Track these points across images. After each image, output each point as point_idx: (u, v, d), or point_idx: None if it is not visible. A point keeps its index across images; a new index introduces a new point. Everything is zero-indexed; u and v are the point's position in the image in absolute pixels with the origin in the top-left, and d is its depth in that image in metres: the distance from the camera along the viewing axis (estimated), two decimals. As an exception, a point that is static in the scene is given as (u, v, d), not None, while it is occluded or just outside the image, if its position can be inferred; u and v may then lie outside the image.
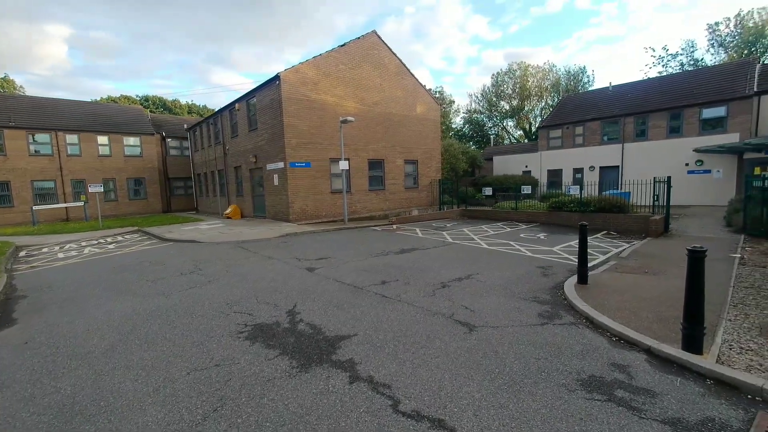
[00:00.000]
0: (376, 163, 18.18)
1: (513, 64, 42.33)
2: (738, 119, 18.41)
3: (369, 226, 15.02)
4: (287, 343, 4.14)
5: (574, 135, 24.53)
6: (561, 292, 5.91)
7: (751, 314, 4.68)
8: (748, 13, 30.58)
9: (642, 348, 3.86)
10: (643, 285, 6.07)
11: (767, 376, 3.20)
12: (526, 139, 42.65)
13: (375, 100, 17.62)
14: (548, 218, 14.90)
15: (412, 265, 8.02)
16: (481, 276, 7.00)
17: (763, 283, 6.02)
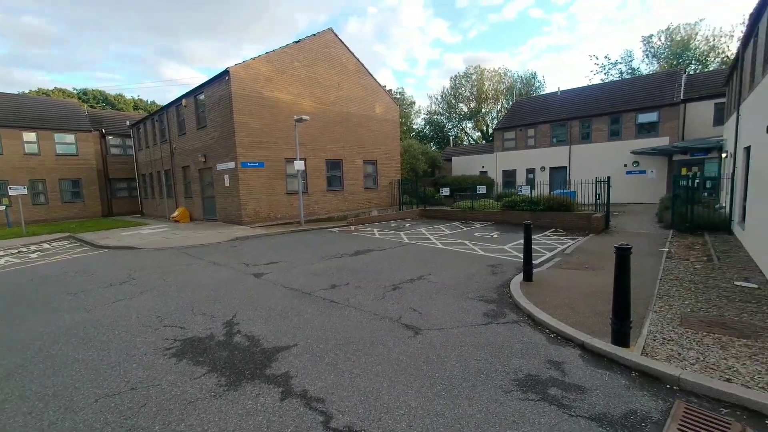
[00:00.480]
0: (335, 164, 17.87)
1: (470, 68, 43.67)
2: (668, 124, 20.17)
3: (327, 227, 14.70)
4: (218, 359, 3.82)
5: (526, 137, 25.67)
6: (507, 290, 6.03)
7: (674, 305, 5.01)
8: (676, 27, 33.74)
9: (577, 343, 3.98)
10: (582, 281, 6.35)
11: (684, 365, 3.39)
12: (484, 140, 44.14)
13: (332, 99, 17.31)
14: (502, 217, 15.40)
15: (366, 267, 7.88)
16: (433, 276, 7.00)
17: (686, 275, 6.52)
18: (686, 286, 5.90)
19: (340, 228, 14.73)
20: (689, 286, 5.90)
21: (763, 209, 6.80)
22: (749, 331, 4.10)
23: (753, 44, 9.32)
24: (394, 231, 13.52)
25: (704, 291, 5.61)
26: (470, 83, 43.03)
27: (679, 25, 33.79)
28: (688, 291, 5.65)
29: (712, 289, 5.69)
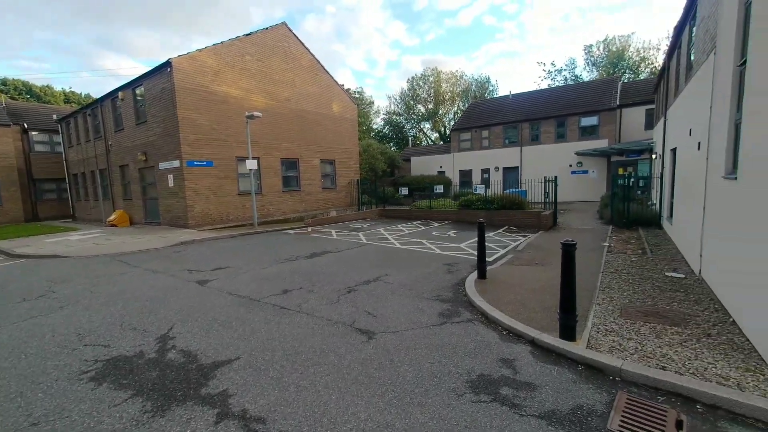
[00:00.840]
0: (291, 163, 17.27)
1: (427, 70, 44.49)
2: (606, 127, 21.78)
3: (282, 229, 14.13)
4: (146, 380, 3.40)
5: (481, 138, 26.56)
6: (462, 288, 6.05)
7: (615, 297, 5.29)
8: (612, 39, 36.68)
9: (527, 339, 4.03)
10: (533, 276, 6.55)
11: (625, 355, 3.52)
12: (442, 141, 45.15)
13: (287, 96, 16.71)
14: (459, 216, 15.72)
15: (321, 269, 7.59)
16: (390, 277, 6.88)
17: (624, 268, 6.95)
18: (624, 278, 6.28)
19: (296, 230, 14.23)
20: (627, 278, 6.28)
21: (687, 206, 7.44)
22: (679, 319, 4.39)
23: (677, 55, 10.23)
24: (352, 231, 13.29)
25: (640, 282, 5.99)
26: (428, 85, 43.83)
27: (615, 37, 36.83)
28: (627, 283, 6.00)
29: (647, 281, 6.10)
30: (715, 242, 5.26)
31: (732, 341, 3.74)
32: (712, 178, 5.47)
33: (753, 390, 2.88)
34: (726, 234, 4.73)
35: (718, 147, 5.20)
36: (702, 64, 6.61)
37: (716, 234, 5.19)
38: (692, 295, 5.26)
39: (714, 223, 5.34)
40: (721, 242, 4.95)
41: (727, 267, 4.61)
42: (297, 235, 12.69)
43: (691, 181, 7.08)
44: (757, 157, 3.75)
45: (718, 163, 5.10)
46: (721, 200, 4.92)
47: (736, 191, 4.26)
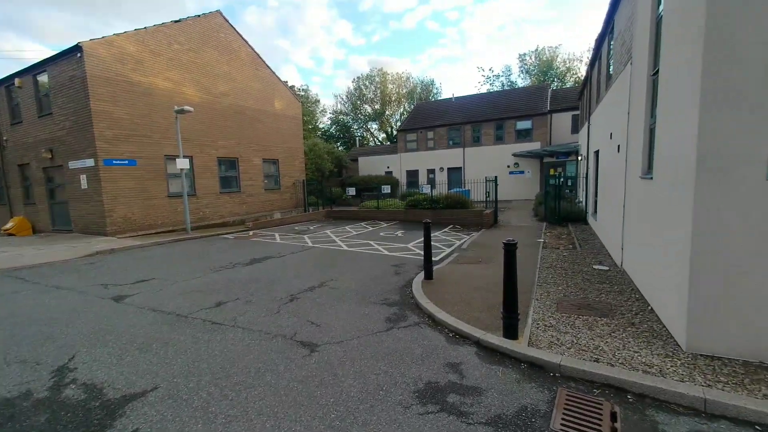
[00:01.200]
0: (229, 162, 16.13)
1: (373, 70, 44.61)
2: (539, 131, 23.47)
3: (220, 234, 13.11)
4: (29, 427, 2.77)
5: (426, 139, 27.18)
6: (410, 290, 5.98)
7: (551, 291, 5.55)
8: (542, 49, 39.78)
9: (473, 340, 4.01)
10: (477, 274, 6.68)
11: (563, 350, 3.64)
12: (389, 141, 45.57)
13: (224, 90, 15.56)
14: (406, 216, 15.85)
15: (262, 277, 7.07)
16: (335, 282, 6.59)
17: (558, 263, 7.39)
18: (559, 273, 6.65)
19: (236, 234, 13.29)
20: (561, 272, 6.67)
21: (609, 204, 8.14)
22: (607, 310, 4.70)
23: (597, 66, 11.22)
24: (297, 234, 12.73)
25: (572, 276, 6.38)
26: (374, 85, 43.96)
27: (544, 47, 39.98)
28: (561, 277, 6.36)
29: (578, 274, 6.52)
30: (633, 237, 5.75)
31: (652, 329, 4.05)
32: (630, 178, 5.98)
33: (672, 375, 3.09)
34: (641, 229, 5.17)
35: (635, 149, 5.68)
36: (620, 74, 7.24)
37: (633, 229, 5.67)
38: (616, 286, 5.70)
39: (632, 219, 5.84)
40: (637, 237, 5.41)
41: (643, 259, 5.04)
42: (237, 240, 11.84)
43: (612, 181, 7.74)
44: (668, 157, 4.10)
45: (636, 165, 5.58)
46: (639, 198, 5.37)
47: (652, 190, 4.65)
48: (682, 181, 3.58)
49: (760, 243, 3.09)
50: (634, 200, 5.77)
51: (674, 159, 3.86)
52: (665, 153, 4.22)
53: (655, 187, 4.55)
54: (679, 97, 3.73)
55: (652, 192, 4.64)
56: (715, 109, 3.12)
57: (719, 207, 3.19)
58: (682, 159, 3.59)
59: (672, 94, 4.00)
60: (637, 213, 5.52)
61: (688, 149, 3.41)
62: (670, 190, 3.95)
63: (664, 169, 4.24)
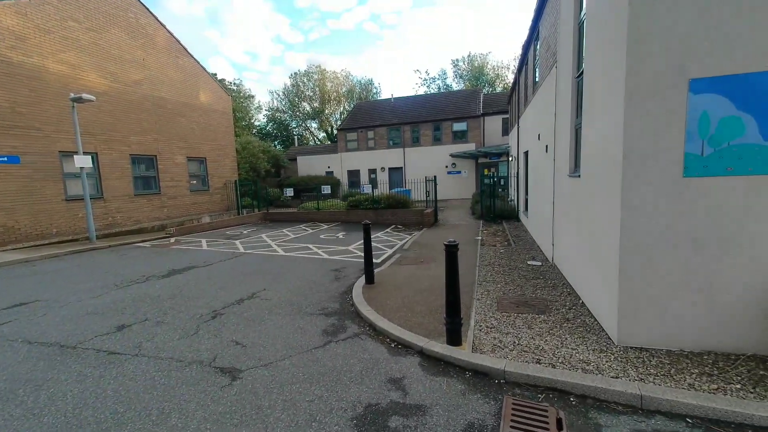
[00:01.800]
0: (146, 160, 14.27)
1: (311, 67, 43.37)
2: (473, 133, 24.57)
3: (134, 242, 11.47)
4: None
5: (367, 138, 26.99)
6: (350, 297, 5.60)
7: (491, 290, 5.56)
8: (474, 55, 41.97)
9: (416, 350, 3.76)
10: (419, 276, 6.52)
11: (506, 353, 3.54)
12: (329, 141, 44.66)
13: (136, 79, 13.70)
14: (347, 217, 15.44)
15: (180, 291, 6.16)
16: (268, 292, 5.97)
17: (495, 260, 7.55)
18: (497, 270, 6.77)
19: (154, 241, 11.75)
20: (499, 270, 6.78)
21: (539, 202, 8.57)
22: (543, 306, 4.78)
23: (525, 70, 11.88)
24: (228, 240, 11.63)
25: (509, 273, 6.51)
26: (312, 82, 42.73)
27: (476, 54, 42.26)
28: (499, 274, 6.45)
29: (514, 270, 6.68)
30: (562, 233, 6.02)
31: (585, 323, 4.16)
32: (559, 176, 6.25)
33: (608, 371, 3.12)
34: (570, 225, 5.40)
35: (562, 149, 5.94)
36: (546, 78, 7.61)
37: (563, 225, 5.92)
38: (549, 281, 5.90)
39: (561, 216, 6.11)
40: (566, 233, 5.65)
41: (571, 254, 5.26)
42: (154, 249, 10.42)
43: (542, 180, 8.14)
44: (594, 155, 4.26)
45: (564, 164, 5.83)
46: (567, 196, 5.61)
47: (579, 188, 4.83)
48: (609, 178, 3.68)
49: (668, 233, 3.25)
50: (562, 198, 6.03)
51: (600, 157, 3.99)
52: (591, 151, 4.37)
53: (582, 185, 4.73)
54: (603, 96, 3.85)
55: (580, 190, 4.82)
56: (637, 107, 3.21)
57: (641, 201, 3.30)
58: (608, 156, 3.70)
59: (596, 94, 4.14)
60: (566, 210, 5.76)
61: (613, 147, 3.50)
62: (598, 188, 4.08)
63: (590, 167, 4.40)
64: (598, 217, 4.10)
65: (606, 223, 3.79)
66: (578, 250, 5.00)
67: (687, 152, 3.15)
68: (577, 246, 5.04)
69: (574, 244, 5.25)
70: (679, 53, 3.08)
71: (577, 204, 5.00)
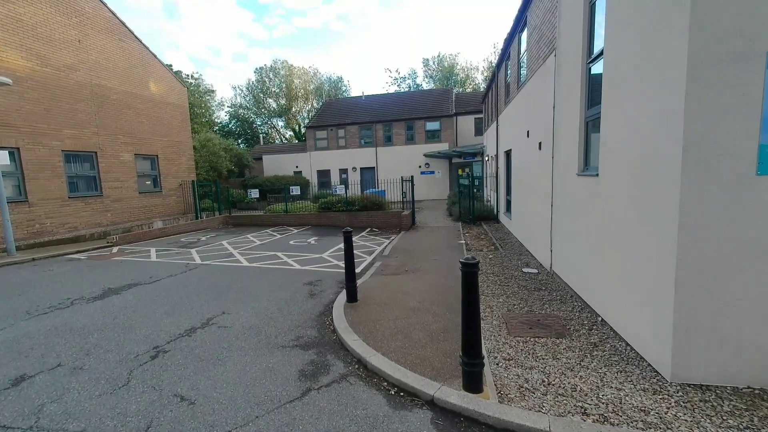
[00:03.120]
0: (84, 158, 12.40)
1: (277, 63, 41.46)
2: (447, 132, 24.20)
3: (66, 253, 9.76)
4: None
5: (338, 137, 25.89)
6: (330, 319, 4.66)
7: (494, 305, 4.83)
8: (444, 56, 41.96)
9: (425, 400, 2.91)
10: (407, 289, 5.68)
11: (539, 399, 2.77)
12: (297, 140, 42.95)
13: (70, 63, 11.85)
14: (319, 220, 14.37)
15: (114, 319, 4.93)
16: (228, 317, 4.88)
17: (487, 268, 6.87)
18: (492, 280, 6.08)
19: (92, 252, 10.10)
20: (495, 280, 6.10)
21: (530, 204, 8.03)
22: (559, 327, 4.10)
23: (505, 66, 11.42)
24: (183, 248, 10.21)
25: (507, 283, 5.84)
26: (279, 78, 40.84)
27: (445, 54, 42.26)
28: (496, 285, 5.76)
29: (511, 280, 6.03)
30: (567, 239, 5.41)
31: (617, 349, 3.50)
32: (561, 175, 5.65)
33: (676, 424, 2.43)
34: (577, 230, 4.78)
35: (567, 145, 5.33)
36: (538, 69, 7.05)
37: (569, 230, 5.31)
38: (554, 293, 5.28)
39: (565, 220, 5.51)
40: (574, 239, 5.04)
41: (581, 263, 4.64)
42: (90, 261, 8.84)
43: (533, 179, 7.58)
44: (618, 150, 3.63)
45: (569, 162, 5.22)
46: (575, 197, 4.99)
47: (598, 188, 4.20)
48: (653, 177, 3.03)
49: (738, 244, 2.64)
50: (566, 200, 5.43)
51: (633, 152, 3.35)
52: (616, 146, 3.74)
53: (601, 185, 4.10)
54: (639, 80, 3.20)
55: (598, 190, 4.19)
56: (702, 87, 2.56)
57: (705, 205, 2.66)
58: (650, 151, 3.04)
59: (626, 78, 3.50)
60: (572, 213, 5.15)
61: (661, 139, 2.85)
62: (630, 188, 3.44)
63: (616, 165, 3.76)
64: (630, 224, 3.45)
65: (647, 231, 3.14)
66: (595, 260, 4.37)
67: (763, 144, 2.53)
68: (593, 255, 4.41)
69: (585, 253, 4.63)
70: (757, 18, 2.45)
71: (594, 207, 4.37)
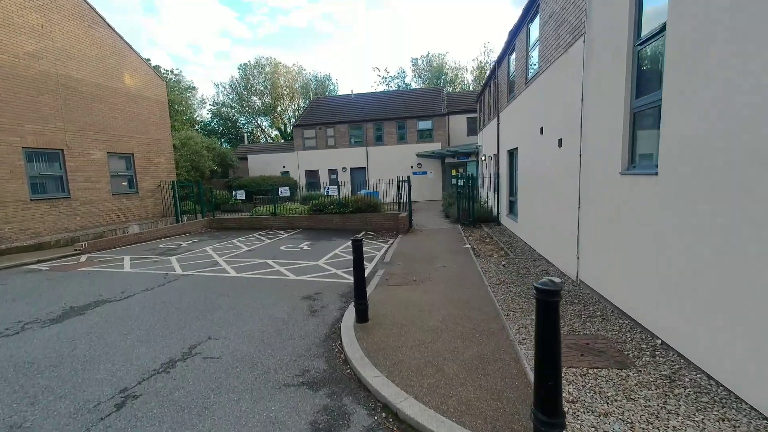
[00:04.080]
0: (49, 156, 11.20)
1: (262, 59, 40.15)
2: (439, 132, 23.66)
3: (26, 263, 8.64)
4: None
5: (326, 136, 25.01)
6: (338, 345, 3.92)
7: (527, 324, 4.18)
8: (433, 55, 41.54)
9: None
10: (421, 305, 4.98)
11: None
12: (282, 139, 41.74)
13: (31, 50, 10.65)
14: (310, 223, 13.55)
15: (73, 349, 4.04)
16: (215, 343, 4.07)
17: (503, 276, 6.25)
18: (513, 291, 5.46)
19: (56, 261, 9.00)
20: (515, 290, 5.49)
21: (547, 206, 7.46)
22: (617, 353, 3.48)
23: (509, 60, 10.87)
24: (161, 256, 9.22)
25: (530, 295, 5.22)
26: (264, 75, 39.56)
27: (434, 54, 41.85)
28: (520, 297, 5.14)
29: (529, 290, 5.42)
30: (605, 245, 4.83)
31: (700, 386, 2.89)
32: (594, 175, 5.06)
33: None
34: (631, 237, 4.19)
35: (602, 141, 4.74)
36: (556, 60, 6.48)
37: (606, 236, 4.72)
38: (590, 307, 4.69)
39: (600, 224, 4.92)
40: (618, 246, 4.45)
41: (636, 276, 4.05)
42: (53, 273, 7.79)
43: (549, 180, 7.02)
44: (688, 143, 3.03)
45: (607, 159, 4.63)
46: (620, 199, 4.39)
47: (656, 188, 3.60)
48: (764, 178, 2.42)
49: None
50: (602, 202, 4.84)
51: (723, 146, 2.75)
52: (691, 139, 3.13)
53: (664, 185, 3.49)
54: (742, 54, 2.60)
55: (659, 192, 3.59)
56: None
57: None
58: (758, 144, 2.44)
59: (715, 55, 2.89)
60: (614, 218, 4.56)
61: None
62: (697, 186, 2.83)
63: (690, 161, 3.15)
64: (715, 232, 2.85)
65: (738, 241, 2.54)
66: (647, 272, 3.77)
67: None
68: (644, 267, 3.81)
69: (633, 264, 4.03)
70: None
71: (648, 210, 3.77)
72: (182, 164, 19.44)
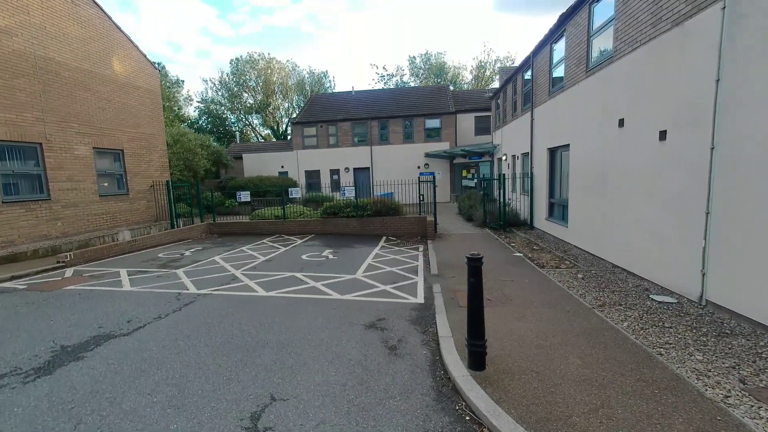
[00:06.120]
0: (24, 150, 9.58)
1: (254, 54, 38.44)
2: (447, 130, 22.68)
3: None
4: None
5: (328, 135, 23.69)
6: (465, 409, 2.76)
7: (705, 371, 3.12)
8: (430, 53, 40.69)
9: None
10: (529, 338, 3.86)
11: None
12: (275, 138, 40.04)
13: (3, 24, 9.05)
14: (323, 227, 12.30)
15: (73, 426, 2.73)
16: (284, 408, 2.86)
17: (598, 294, 5.22)
18: (632, 318, 4.41)
19: (35, 277, 7.45)
20: (631, 314, 4.46)
21: (608, 207, 6.47)
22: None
23: (549, 50, 9.93)
24: (164, 269, 7.79)
25: (654, 322, 4.19)
26: (256, 71, 37.81)
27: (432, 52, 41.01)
28: (650, 326, 4.09)
29: (650, 314, 4.41)
30: (750, 260, 3.82)
31: None
32: (741, 171, 4.06)
33: None
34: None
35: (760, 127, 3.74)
36: (652, 39, 5.49)
37: (755, 248, 3.71)
38: (750, 339, 3.68)
39: (756, 231, 3.91)
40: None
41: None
42: (33, 294, 6.27)
43: (638, 179, 6.03)
44: None
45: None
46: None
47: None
48: None
49: None
50: (759, 203, 3.83)
51: None
52: None
53: None
54: None
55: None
56: None
57: None
58: None
59: None
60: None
61: None
62: None
63: None
64: None
65: None
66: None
67: None
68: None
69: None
70: None
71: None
72: (175, 163, 17.80)
